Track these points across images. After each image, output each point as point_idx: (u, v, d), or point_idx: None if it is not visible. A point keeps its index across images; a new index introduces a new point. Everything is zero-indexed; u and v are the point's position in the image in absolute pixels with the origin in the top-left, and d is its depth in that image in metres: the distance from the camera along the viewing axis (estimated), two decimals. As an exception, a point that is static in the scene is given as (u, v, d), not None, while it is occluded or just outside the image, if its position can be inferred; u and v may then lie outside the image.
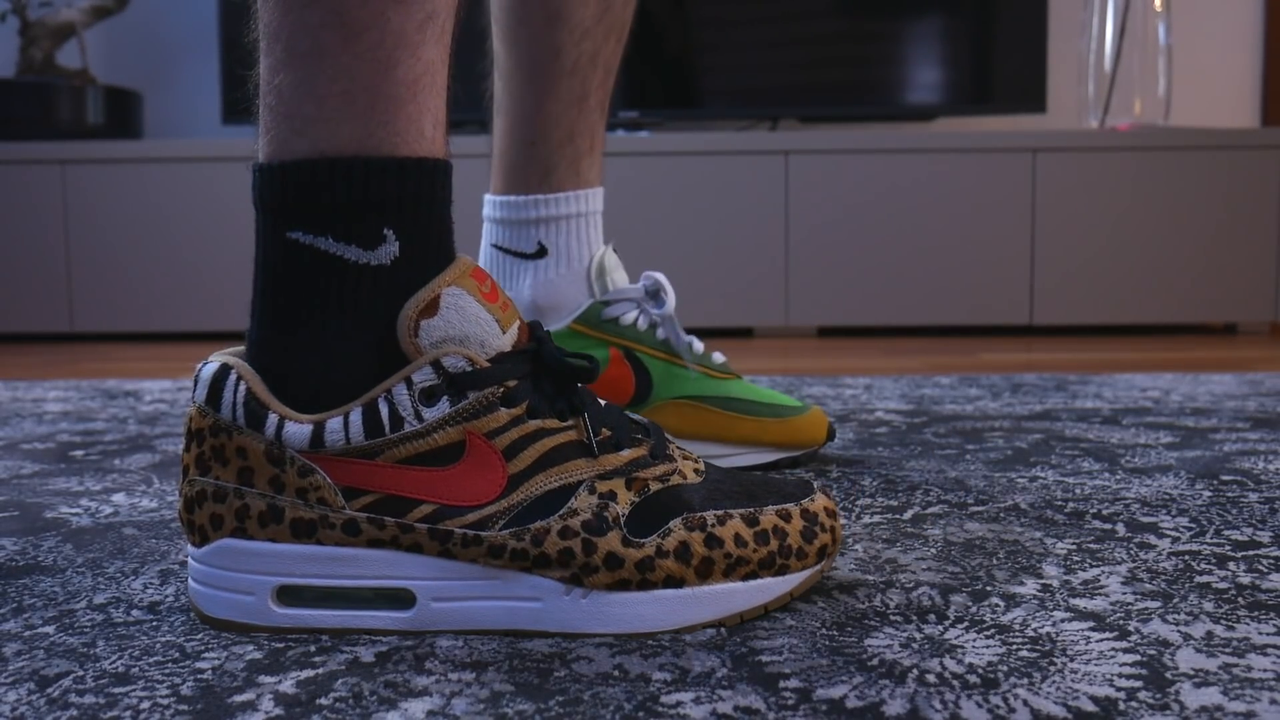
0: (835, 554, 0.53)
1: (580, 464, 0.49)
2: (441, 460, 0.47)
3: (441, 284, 0.48)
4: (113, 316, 2.25)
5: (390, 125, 0.47)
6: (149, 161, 2.24)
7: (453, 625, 0.48)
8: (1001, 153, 2.21)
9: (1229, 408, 1.13)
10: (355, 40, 0.46)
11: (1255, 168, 2.22)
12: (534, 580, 0.48)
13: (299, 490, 0.48)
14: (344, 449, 0.47)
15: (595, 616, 0.48)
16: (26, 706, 0.41)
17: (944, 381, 1.36)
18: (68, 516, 0.70)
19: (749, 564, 0.49)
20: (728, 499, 0.50)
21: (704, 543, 0.48)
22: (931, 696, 0.41)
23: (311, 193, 0.47)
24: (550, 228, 0.82)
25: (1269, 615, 0.49)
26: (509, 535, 0.47)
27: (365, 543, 0.48)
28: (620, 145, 2.22)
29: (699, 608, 0.48)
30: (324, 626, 0.48)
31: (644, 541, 0.48)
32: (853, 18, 2.40)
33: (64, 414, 1.16)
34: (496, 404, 0.48)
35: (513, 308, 0.51)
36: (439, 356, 0.47)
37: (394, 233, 0.48)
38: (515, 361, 0.49)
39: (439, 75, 0.49)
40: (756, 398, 0.82)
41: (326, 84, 0.47)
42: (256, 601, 0.48)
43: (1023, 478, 0.79)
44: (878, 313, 2.23)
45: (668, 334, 0.82)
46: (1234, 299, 2.23)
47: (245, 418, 0.48)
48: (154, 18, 2.64)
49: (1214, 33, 2.62)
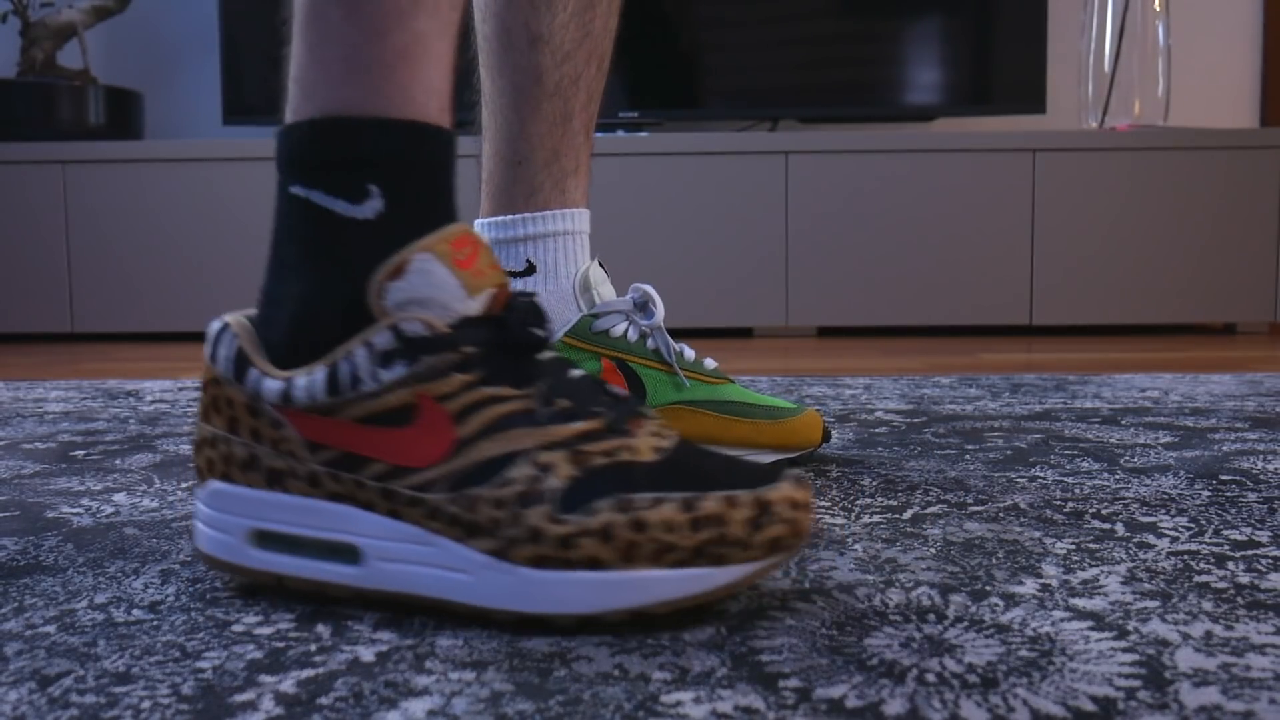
0: (798, 548, 0.49)
1: (526, 433, 0.48)
2: (395, 421, 0.49)
3: (414, 249, 0.49)
4: (113, 316, 2.25)
5: (381, 89, 0.51)
6: (149, 161, 2.24)
7: (395, 586, 0.49)
8: (1001, 153, 2.22)
9: (1228, 408, 1.13)
10: (354, 12, 0.51)
11: (1255, 168, 2.22)
12: (463, 552, 0.48)
13: (273, 441, 0.51)
14: (309, 405, 0.50)
15: (515, 594, 0.47)
16: (27, 706, 0.41)
17: (944, 381, 1.36)
18: (69, 516, 0.70)
19: (679, 551, 0.47)
20: (675, 481, 0.48)
21: (630, 525, 0.47)
22: (931, 696, 0.41)
23: (308, 149, 0.51)
24: (538, 245, 0.83)
25: (1268, 615, 0.50)
26: (447, 499, 0.48)
27: (325, 495, 0.50)
28: (620, 145, 2.22)
29: (617, 592, 0.47)
30: (288, 574, 0.51)
31: (569, 518, 0.47)
32: (853, 18, 2.40)
33: (65, 414, 1.16)
34: (450, 369, 0.49)
35: (491, 275, 0.51)
36: (397, 320, 0.49)
37: (379, 189, 0.51)
38: (476, 328, 0.50)
39: (433, 46, 0.52)
40: (751, 400, 0.83)
41: (329, 52, 0.51)
42: (236, 543, 0.52)
43: (1022, 478, 0.79)
44: (878, 313, 2.23)
45: (657, 343, 0.82)
46: (1233, 299, 2.23)
47: (233, 371, 0.52)
48: (154, 18, 2.64)
49: (1214, 33, 2.62)
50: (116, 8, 2.45)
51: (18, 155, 2.23)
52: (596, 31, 0.83)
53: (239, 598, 0.53)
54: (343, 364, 0.49)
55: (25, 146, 2.23)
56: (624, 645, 0.47)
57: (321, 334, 0.50)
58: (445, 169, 0.53)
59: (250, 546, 0.51)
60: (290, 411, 0.50)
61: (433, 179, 0.52)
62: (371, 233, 0.50)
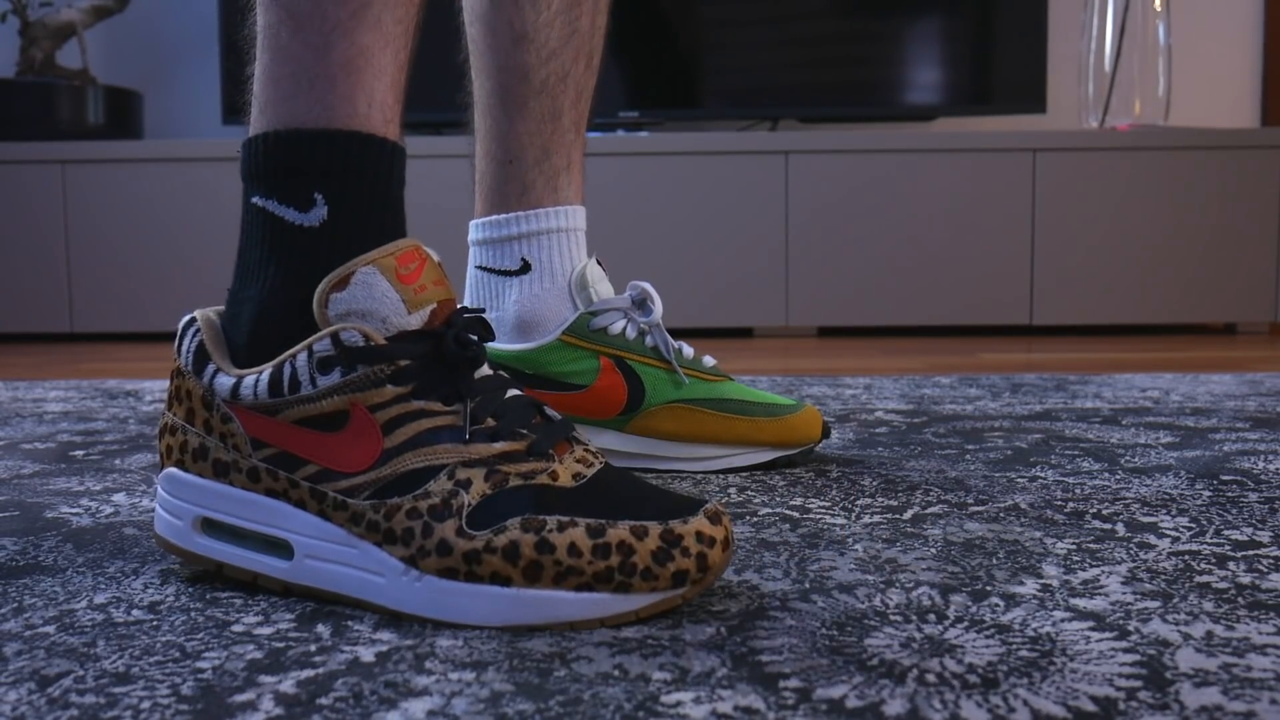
0: (707, 581, 0.50)
1: (449, 449, 0.51)
2: (328, 426, 0.51)
3: (360, 262, 0.51)
4: (113, 316, 2.25)
5: (326, 101, 0.54)
6: (149, 161, 2.24)
7: (320, 584, 0.51)
8: (1001, 153, 2.22)
9: (1229, 408, 1.13)
10: (300, 30, 0.54)
11: (1255, 168, 2.22)
12: (381, 556, 0.50)
13: (221, 434, 0.54)
14: (254, 403, 0.52)
15: (425, 601, 0.49)
16: (27, 706, 0.41)
17: (944, 381, 1.36)
18: (68, 516, 0.70)
19: (581, 575, 0.48)
20: (588, 507, 0.50)
21: (535, 546, 0.48)
22: (931, 696, 0.41)
23: (263, 160, 0.54)
24: (532, 243, 0.83)
25: (1269, 615, 0.49)
26: (369, 506, 0.50)
27: (263, 490, 0.53)
28: (620, 145, 2.22)
29: (522, 610, 0.48)
30: (227, 562, 0.54)
31: (477, 534, 0.48)
32: (853, 18, 2.40)
33: (64, 414, 1.16)
34: (384, 380, 0.51)
35: (434, 291, 0.53)
36: (338, 330, 0.51)
37: (323, 197, 0.53)
38: (413, 342, 0.51)
39: (376, 59, 0.54)
40: (750, 398, 0.83)
41: (281, 69, 0.54)
42: (185, 527, 0.55)
43: (1023, 478, 0.79)
44: (878, 313, 2.23)
45: (656, 341, 0.82)
46: (1234, 299, 2.23)
47: (193, 365, 0.55)
48: (154, 18, 2.64)
49: (1214, 33, 2.62)
50: (116, 8, 2.45)
51: (17, 155, 2.23)
52: (584, 29, 0.84)
53: (239, 598, 0.53)
54: (286, 366, 0.52)
55: (25, 146, 2.23)
56: (624, 645, 0.47)
57: (275, 336, 0.53)
58: (389, 178, 0.55)
59: (197, 533, 0.54)
60: (238, 408, 0.53)
61: (376, 188, 0.54)
62: (317, 239, 0.53)
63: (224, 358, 0.55)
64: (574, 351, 0.81)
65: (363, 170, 0.54)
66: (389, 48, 0.55)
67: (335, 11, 0.54)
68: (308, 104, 0.53)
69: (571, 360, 0.81)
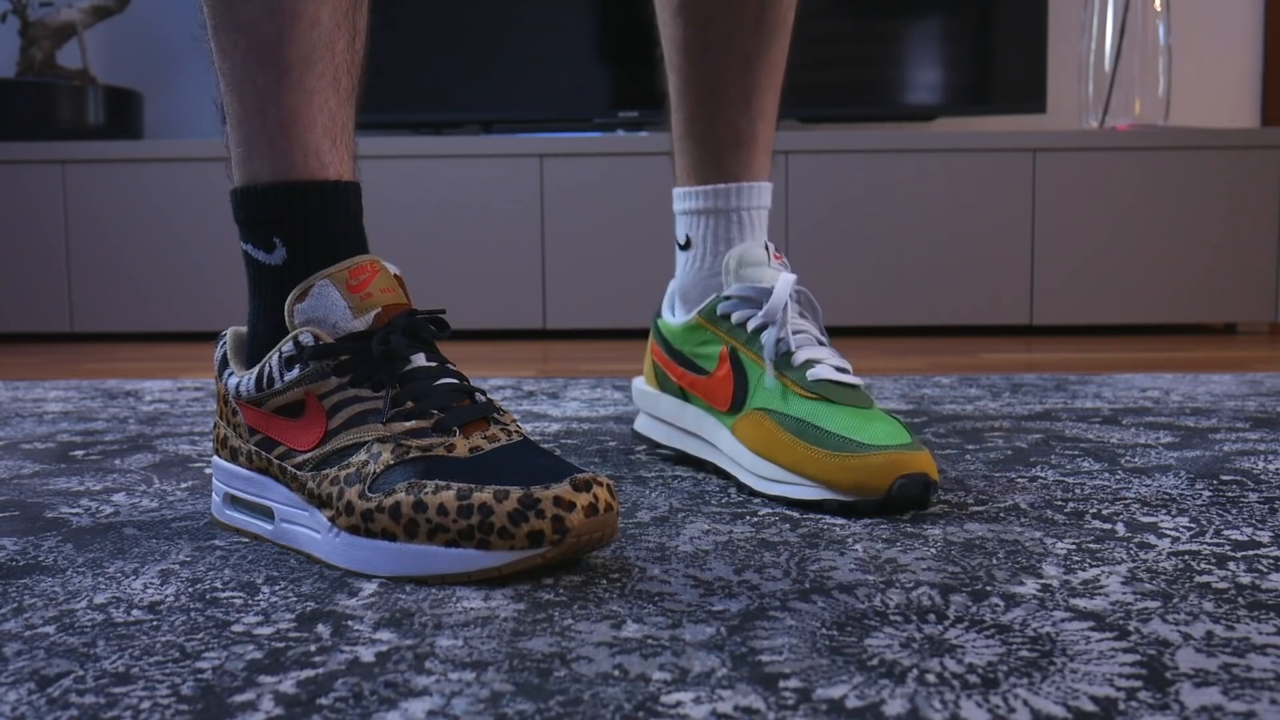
0: (576, 546, 0.54)
1: (372, 428, 0.59)
2: (292, 413, 0.62)
3: (318, 277, 0.61)
4: (113, 316, 2.25)
5: (268, 159, 0.64)
6: (149, 161, 2.24)
7: (289, 542, 0.62)
8: (1001, 153, 2.21)
9: (1229, 408, 1.13)
10: (240, 98, 0.64)
11: (1255, 168, 2.22)
12: (320, 518, 0.59)
13: (233, 425, 0.66)
14: (248, 398, 0.64)
15: (342, 554, 0.58)
16: (27, 706, 0.41)
17: (944, 381, 1.36)
18: (68, 516, 0.70)
19: (448, 532, 0.55)
20: (471, 475, 0.56)
21: (412, 506, 0.55)
22: (931, 696, 0.41)
23: (237, 213, 0.65)
24: (694, 220, 0.83)
25: (1269, 615, 0.49)
26: (311, 476, 0.60)
27: (255, 469, 0.64)
28: (620, 145, 2.22)
29: (406, 561, 0.55)
30: (241, 528, 0.65)
31: (373, 497, 0.57)
32: (853, 18, 2.40)
33: (64, 414, 1.16)
34: (329, 373, 0.60)
35: (380, 297, 0.62)
36: (298, 334, 0.61)
37: (280, 240, 0.63)
38: (355, 341, 0.61)
39: (303, 116, 0.63)
40: (829, 426, 0.70)
41: (234, 134, 0.65)
42: (220, 503, 0.67)
43: (1023, 478, 0.79)
44: (878, 313, 2.23)
45: (766, 341, 0.75)
46: (1234, 299, 2.23)
47: (218, 370, 0.67)
48: (154, 18, 2.64)
49: (1214, 33, 2.62)
50: (116, 8, 2.45)
51: (17, 155, 2.23)
52: (782, 7, 0.82)
53: (239, 598, 0.53)
54: (265, 366, 0.62)
55: (25, 146, 2.23)
56: (624, 645, 0.47)
57: (264, 345, 0.65)
58: (334, 212, 0.64)
59: (226, 506, 0.66)
60: (240, 402, 0.65)
61: (324, 224, 0.63)
62: (282, 275, 0.63)
63: (240, 364, 0.67)
64: (703, 334, 0.79)
65: (307, 213, 0.63)
66: (314, 101, 0.64)
67: (264, 79, 0.63)
68: (259, 164, 0.64)
69: (700, 343, 0.80)
